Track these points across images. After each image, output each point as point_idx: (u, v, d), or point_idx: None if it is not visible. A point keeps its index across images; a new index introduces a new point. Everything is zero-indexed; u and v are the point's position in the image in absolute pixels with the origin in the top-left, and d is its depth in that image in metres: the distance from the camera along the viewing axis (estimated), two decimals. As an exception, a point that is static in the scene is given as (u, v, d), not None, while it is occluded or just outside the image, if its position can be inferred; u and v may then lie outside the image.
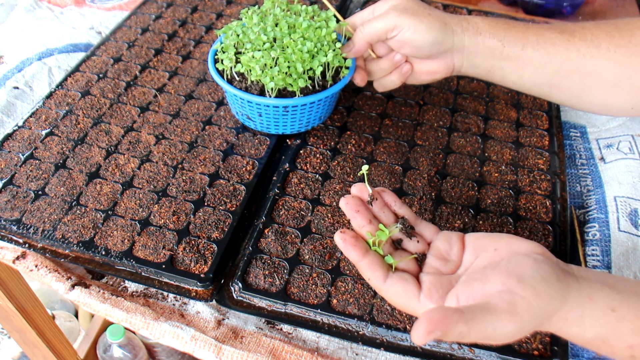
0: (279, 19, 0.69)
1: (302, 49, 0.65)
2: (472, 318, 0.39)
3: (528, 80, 0.64)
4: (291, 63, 0.65)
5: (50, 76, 0.87)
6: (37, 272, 0.63)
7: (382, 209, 0.51)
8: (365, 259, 0.47)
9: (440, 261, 0.49)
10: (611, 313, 0.43)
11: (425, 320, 0.38)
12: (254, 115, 0.71)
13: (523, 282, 0.42)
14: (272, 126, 0.72)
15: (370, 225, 0.49)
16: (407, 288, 0.46)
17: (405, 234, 0.51)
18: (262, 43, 0.66)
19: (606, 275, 0.47)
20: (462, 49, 0.64)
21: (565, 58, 0.61)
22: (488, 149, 0.76)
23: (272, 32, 0.68)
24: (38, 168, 0.70)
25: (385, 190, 0.53)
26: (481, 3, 1.35)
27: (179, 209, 0.66)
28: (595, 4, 1.34)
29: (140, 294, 0.63)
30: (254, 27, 0.68)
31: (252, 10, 0.71)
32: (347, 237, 0.47)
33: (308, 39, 0.67)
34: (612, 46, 0.59)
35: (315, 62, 0.66)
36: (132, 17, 0.96)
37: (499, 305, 0.41)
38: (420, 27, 0.61)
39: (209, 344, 0.58)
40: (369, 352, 0.58)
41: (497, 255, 0.47)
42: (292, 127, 0.72)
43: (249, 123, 0.74)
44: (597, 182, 0.74)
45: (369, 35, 0.64)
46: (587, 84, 0.62)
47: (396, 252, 0.50)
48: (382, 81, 0.70)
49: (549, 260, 0.45)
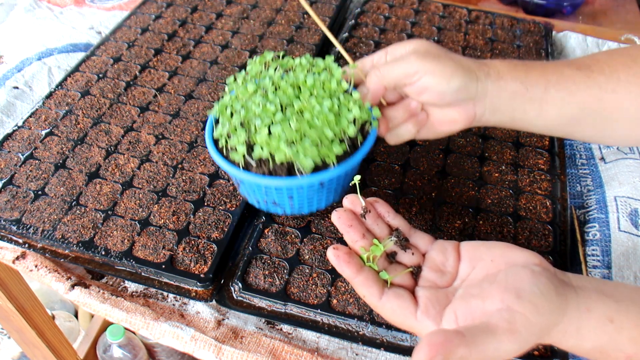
0: (275, 80, 0.60)
1: (323, 110, 0.55)
2: (473, 341, 0.39)
3: (552, 122, 0.60)
4: (317, 129, 0.54)
5: (50, 76, 0.87)
6: (37, 272, 0.63)
7: (376, 221, 0.51)
8: (360, 276, 0.46)
9: (436, 273, 0.48)
10: (609, 324, 0.43)
11: (426, 345, 0.38)
12: (282, 199, 0.58)
13: (522, 298, 0.42)
14: (305, 206, 0.60)
15: (363, 239, 0.49)
16: (404, 305, 0.45)
17: (400, 247, 0.50)
18: (273, 114, 0.56)
19: (604, 283, 0.46)
20: (485, 95, 0.59)
21: (588, 95, 0.58)
22: (488, 149, 0.76)
23: (276, 97, 0.57)
24: (38, 168, 0.70)
25: (378, 201, 0.52)
26: (481, 3, 1.35)
27: (179, 209, 0.66)
28: (595, 4, 1.34)
29: (140, 294, 0.63)
30: (254, 97, 0.58)
31: (241, 78, 0.61)
32: (341, 253, 0.46)
33: (320, 96, 0.58)
34: (631, 77, 0.57)
35: (344, 121, 0.55)
36: (132, 17, 0.96)
37: (499, 325, 0.41)
38: (444, 72, 0.56)
39: (209, 344, 0.57)
40: (369, 352, 0.58)
41: (494, 267, 0.46)
42: (327, 200, 0.61)
43: (275, 209, 0.61)
44: (598, 182, 0.74)
45: (386, 80, 0.58)
46: (611, 119, 0.59)
47: (391, 265, 0.49)
48: (396, 131, 0.62)
49: (546, 271, 0.44)
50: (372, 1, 1.05)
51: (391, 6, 1.04)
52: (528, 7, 1.26)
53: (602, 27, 1.10)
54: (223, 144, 0.57)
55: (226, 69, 0.86)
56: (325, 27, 0.65)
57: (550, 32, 1.02)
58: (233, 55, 0.89)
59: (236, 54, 0.90)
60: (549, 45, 0.98)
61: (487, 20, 1.02)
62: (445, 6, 1.05)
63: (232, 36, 0.93)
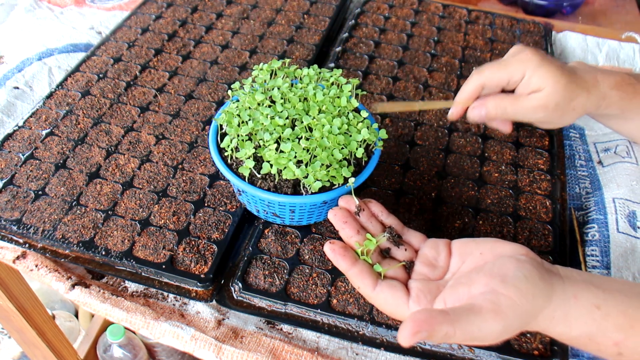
0: (284, 92, 0.59)
1: (333, 130, 0.55)
2: (457, 319, 0.40)
3: None
4: (327, 150, 0.54)
5: (51, 76, 0.87)
6: (37, 272, 0.63)
7: (370, 220, 0.53)
8: (355, 268, 0.48)
9: (428, 267, 0.50)
10: (596, 310, 0.44)
11: (410, 322, 0.39)
12: (284, 213, 0.60)
13: (506, 282, 0.43)
14: (304, 219, 0.62)
15: (358, 235, 0.51)
16: (396, 295, 0.47)
17: (393, 243, 0.52)
18: (282, 129, 0.56)
19: (591, 276, 0.47)
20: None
21: None
22: (488, 149, 0.76)
23: (284, 110, 0.58)
24: (38, 168, 0.70)
25: (371, 201, 0.54)
26: (481, 3, 1.35)
27: (179, 210, 0.66)
28: (595, 4, 1.34)
29: (140, 294, 0.63)
30: (262, 107, 0.57)
31: (247, 85, 0.60)
32: (336, 247, 0.49)
33: (329, 112, 0.58)
34: None
35: (354, 144, 0.56)
36: (132, 17, 0.96)
37: (484, 306, 0.41)
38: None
39: (209, 343, 0.58)
40: (369, 352, 0.58)
41: (482, 259, 0.48)
42: (327, 214, 0.59)
43: (275, 220, 0.63)
44: (596, 185, 0.74)
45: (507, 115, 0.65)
46: None
47: (384, 260, 0.51)
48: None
49: (532, 260, 0.46)
50: (372, 1, 1.05)
51: (391, 6, 1.04)
52: (528, 7, 1.26)
53: (602, 27, 1.10)
54: (229, 154, 0.58)
55: (226, 69, 0.86)
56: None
57: (550, 32, 1.02)
58: (233, 55, 0.89)
59: (236, 54, 0.90)
60: (549, 45, 0.98)
61: (487, 21, 1.02)
62: (445, 6, 1.05)
63: (232, 36, 0.93)
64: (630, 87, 0.63)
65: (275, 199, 0.55)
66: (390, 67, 0.89)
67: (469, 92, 0.64)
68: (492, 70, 0.63)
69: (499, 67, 0.63)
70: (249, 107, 0.59)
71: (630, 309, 0.44)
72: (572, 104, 0.62)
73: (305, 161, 0.54)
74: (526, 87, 0.62)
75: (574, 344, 0.46)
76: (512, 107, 0.63)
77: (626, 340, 0.44)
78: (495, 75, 0.63)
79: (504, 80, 0.63)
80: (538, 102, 0.61)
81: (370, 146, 0.60)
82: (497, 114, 0.63)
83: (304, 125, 0.56)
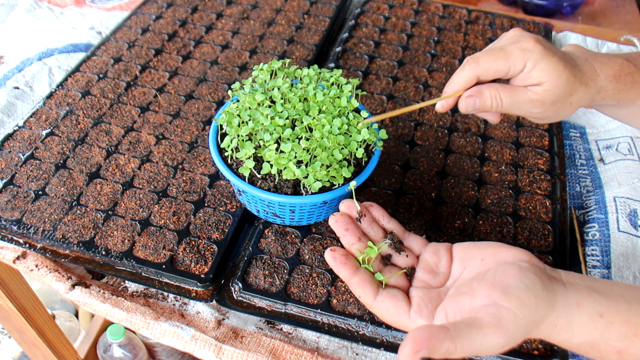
0: (284, 92, 0.60)
1: (333, 130, 0.55)
2: (457, 334, 0.40)
3: None
4: (327, 151, 0.55)
5: (51, 76, 0.87)
6: (38, 272, 0.63)
7: (371, 225, 0.52)
8: (356, 277, 0.47)
9: (429, 274, 0.49)
10: (599, 319, 0.43)
11: (411, 340, 0.39)
12: (284, 213, 0.60)
13: (508, 293, 0.42)
14: (305, 219, 0.62)
15: (359, 242, 0.50)
16: (397, 304, 0.46)
17: (394, 249, 0.51)
18: (282, 129, 0.56)
19: (594, 280, 0.47)
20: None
21: None
22: (488, 149, 0.76)
23: (284, 111, 0.58)
24: (38, 168, 0.70)
25: (373, 205, 0.53)
26: (481, 3, 1.35)
27: (179, 210, 0.66)
28: (594, 4, 1.34)
29: (140, 294, 0.63)
30: (262, 107, 0.57)
31: (247, 85, 0.61)
32: (338, 255, 0.48)
33: (329, 112, 0.58)
34: None
35: (354, 144, 0.56)
36: (132, 17, 0.96)
37: (485, 320, 0.41)
38: None
39: (209, 343, 0.58)
40: (369, 352, 0.58)
41: (483, 266, 0.47)
42: (327, 214, 0.63)
43: (275, 220, 0.63)
44: (597, 183, 0.74)
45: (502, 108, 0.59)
46: None
47: (386, 267, 0.50)
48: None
49: (534, 267, 0.45)
50: (372, 1, 1.05)
51: (391, 6, 1.04)
52: (528, 7, 1.26)
53: (602, 28, 1.11)
54: (229, 154, 0.58)
55: (226, 69, 0.86)
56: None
57: (550, 33, 1.02)
58: (233, 55, 0.89)
59: (236, 54, 0.90)
60: (549, 45, 0.98)
61: (486, 21, 1.02)
62: (445, 6, 1.05)
63: (232, 36, 0.93)
64: (629, 77, 0.60)
65: (275, 199, 0.55)
66: (390, 67, 0.89)
67: (462, 83, 0.59)
68: (488, 59, 0.58)
69: (497, 56, 0.58)
70: (249, 107, 0.59)
71: (633, 317, 0.43)
72: (570, 99, 0.59)
73: (306, 161, 0.54)
74: (525, 79, 0.58)
75: (576, 351, 0.46)
76: (509, 99, 0.58)
77: (629, 348, 0.43)
78: (493, 65, 0.58)
79: (503, 71, 0.58)
80: (536, 96, 0.57)
81: (370, 146, 0.60)
82: (493, 106, 0.58)
83: (304, 125, 0.56)
